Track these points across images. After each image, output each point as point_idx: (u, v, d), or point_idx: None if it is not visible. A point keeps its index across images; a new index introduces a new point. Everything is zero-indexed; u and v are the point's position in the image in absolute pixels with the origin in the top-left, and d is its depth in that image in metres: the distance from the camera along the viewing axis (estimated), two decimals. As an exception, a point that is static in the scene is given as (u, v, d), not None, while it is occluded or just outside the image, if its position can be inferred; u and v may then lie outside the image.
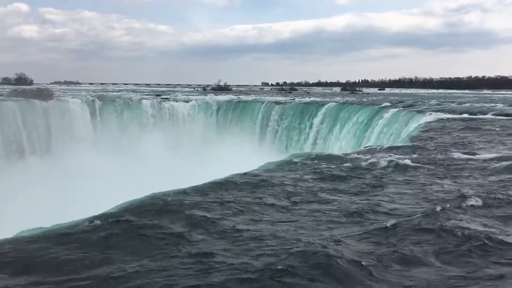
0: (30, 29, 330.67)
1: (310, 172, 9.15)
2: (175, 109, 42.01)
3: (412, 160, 10.09)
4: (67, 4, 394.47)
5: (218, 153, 32.80)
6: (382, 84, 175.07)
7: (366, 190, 7.70)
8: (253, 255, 4.63)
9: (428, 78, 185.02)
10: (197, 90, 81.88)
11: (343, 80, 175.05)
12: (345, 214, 6.27)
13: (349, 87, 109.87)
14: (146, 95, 49.17)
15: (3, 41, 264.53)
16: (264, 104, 40.99)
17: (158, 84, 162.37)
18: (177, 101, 43.68)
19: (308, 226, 5.73)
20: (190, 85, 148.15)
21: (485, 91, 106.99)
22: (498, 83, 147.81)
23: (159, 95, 50.25)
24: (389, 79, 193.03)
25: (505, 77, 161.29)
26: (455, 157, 10.54)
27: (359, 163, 9.95)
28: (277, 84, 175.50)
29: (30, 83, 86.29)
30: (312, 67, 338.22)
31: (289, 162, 10.27)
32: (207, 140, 39.14)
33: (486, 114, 23.06)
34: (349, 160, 10.31)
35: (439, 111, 24.83)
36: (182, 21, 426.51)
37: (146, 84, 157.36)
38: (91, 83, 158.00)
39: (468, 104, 32.74)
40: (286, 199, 7.05)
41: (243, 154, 30.85)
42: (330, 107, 35.04)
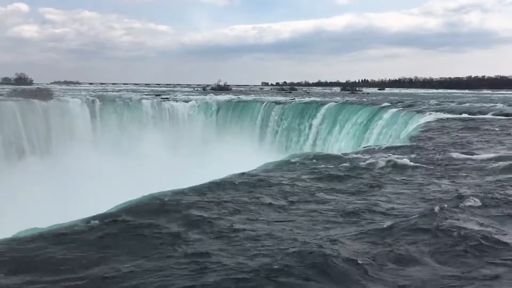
0: (30, 29, 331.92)
1: (308, 172, 9.16)
2: (175, 109, 42.02)
3: (411, 160, 10.08)
4: (67, 4, 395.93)
5: (218, 153, 32.81)
6: (382, 84, 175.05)
7: (364, 190, 7.71)
8: (249, 255, 4.64)
9: (428, 78, 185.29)
10: (197, 90, 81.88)
11: (343, 80, 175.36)
12: (342, 214, 6.29)
13: (349, 87, 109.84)
14: (146, 95, 49.18)
15: (3, 41, 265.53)
16: (264, 104, 40.97)
17: (158, 84, 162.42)
18: (177, 101, 43.69)
19: (305, 226, 5.74)
20: (190, 85, 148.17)
21: (485, 91, 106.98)
22: (498, 83, 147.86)
23: (159, 95, 50.28)
24: (389, 79, 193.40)
25: (505, 77, 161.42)
26: (454, 157, 10.54)
27: (358, 163, 9.96)
28: (277, 84, 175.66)
29: (30, 83, 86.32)
30: (312, 67, 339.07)
31: (288, 162, 10.27)
32: (207, 140, 39.15)
33: (486, 114, 23.04)
34: (348, 160, 10.31)
35: (439, 111, 24.82)
36: (182, 21, 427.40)
37: (146, 84, 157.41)
38: (91, 83, 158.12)
39: (468, 104, 32.71)
40: (284, 199, 7.06)
41: (243, 154, 30.86)
42: (330, 108, 34.99)
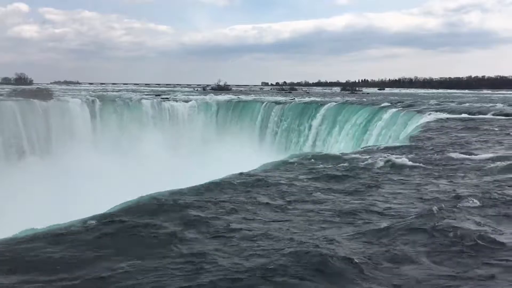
0: (30, 29, 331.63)
1: (307, 172, 9.18)
2: (175, 109, 42.02)
3: (409, 160, 10.09)
4: (67, 4, 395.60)
5: (218, 153, 32.82)
6: (382, 84, 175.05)
7: (362, 190, 7.73)
8: (245, 255, 4.68)
9: (428, 78, 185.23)
10: (197, 90, 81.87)
11: (343, 80, 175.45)
12: (339, 214, 6.31)
13: (349, 87, 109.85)
14: (146, 95, 49.18)
15: (3, 41, 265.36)
16: (264, 104, 40.98)
17: (158, 84, 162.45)
18: (177, 101, 43.67)
19: (302, 226, 5.77)
20: (190, 85, 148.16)
21: (485, 91, 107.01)
22: (498, 83, 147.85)
23: (159, 95, 50.28)
24: (389, 79, 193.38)
25: (505, 77, 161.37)
26: (453, 157, 10.55)
27: (356, 163, 9.98)
28: (277, 84, 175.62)
29: (30, 83, 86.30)
30: (312, 67, 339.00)
31: (287, 163, 10.29)
32: (207, 140, 39.15)
33: (486, 114, 23.03)
34: (347, 160, 10.33)
35: (439, 111, 24.78)
36: (182, 21, 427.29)
37: (146, 84, 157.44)
38: (91, 83, 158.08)
39: (468, 104, 32.68)
40: (281, 199, 7.07)
41: (243, 154, 30.87)
42: (329, 108, 34.92)
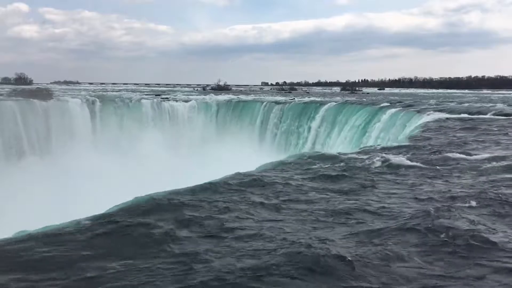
0: (30, 29, 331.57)
1: (304, 172, 9.20)
2: (175, 109, 42.00)
3: (406, 160, 10.11)
4: (67, 4, 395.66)
5: (218, 153, 32.78)
6: (382, 84, 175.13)
7: (357, 190, 7.76)
8: (238, 255, 4.72)
9: (428, 78, 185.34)
10: (197, 90, 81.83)
11: (343, 80, 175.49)
12: (334, 214, 6.34)
13: (349, 87, 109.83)
14: (146, 95, 49.16)
15: (3, 41, 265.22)
16: (264, 104, 41.01)
17: (158, 84, 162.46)
18: (177, 101, 43.63)
19: (296, 226, 5.79)
20: (190, 85, 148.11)
21: (485, 91, 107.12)
22: (498, 83, 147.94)
23: (159, 95, 50.25)
24: (389, 79, 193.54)
25: (505, 77, 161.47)
26: (451, 157, 10.56)
27: (354, 163, 9.99)
28: (277, 84, 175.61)
29: (30, 83, 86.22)
30: (312, 67, 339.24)
31: (285, 163, 10.29)
32: (207, 140, 39.15)
33: (486, 114, 23.02)
34: (344, 160, 10.35)
35: (438, 111, 24.78)
36: (182, 21, 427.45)
37: (146, 84, 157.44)
38: (91, 83, 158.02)
39: (467, 104, 32.70)
40: (277, 199, 7.09)
41: (243, 154, 30.84)
42: (329, 108, 34.85)
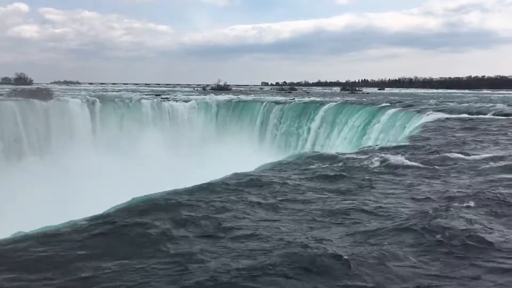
0: (30, 29, 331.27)
1: (303, 173, 9.21)
2: (175, 109, 41.98)
3: (405, 161, 10.12)
4: (67, 4, 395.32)
5: (218, 153, 32.77)
6: (382, 84, 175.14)
7: (355, 190, 7.77)
8: (234, 255, 4.73)
9: (428, 78, 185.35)
10: (197, 90, 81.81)
11: (343, 80, 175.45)
12: (332, 214, 6.35)
13: (349, 87, 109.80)
14: (146, 95, 49.15)
15: (3, 41, 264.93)
16: (264, 104, 41.02)
17: (158, 84, 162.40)
18: (177, 101, 43.60)
19: (292, 226, 5.80)
20: (190, 85, 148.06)
21: (485, 91, 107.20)
22: (498, 83, 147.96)
23: (159, 95, 50.23)
24: (389, 79, 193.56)
25: (505, 77, 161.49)
26: (449, 158, 10.56)
27: (352, 163, 10.00)
28: (277, 84, 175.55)
29: (30, 83, 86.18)
30: (312, 67, 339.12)
31: (284, 163, 10.30)
32: (207, 140, 39.14)
33: (486, 114, 23.01)
34: (343, 160, 10.36)
35: (438, 111, 24.77)
36: (182, 21, 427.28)
37: (146, 84, 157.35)
38: (91, 83, 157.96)
39: (467, 104, 32.71)
40: (275, 199, 7.09)
41: (243, 154, 30.83)
42: (329, 108, 34.77)
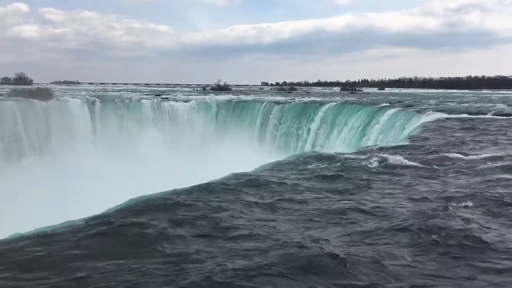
0: (30, 29, 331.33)
1: (302, 173, 9.21)
2: (175, 109, 41.95)
3: (404, 161, 10.13)
4: (67, 4, 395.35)
5: (218, 153, 32.77)
6: (382, 84, 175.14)
7: (354, 191, 7.78)
8: (230, 255, 4.76)
9: (428, 78, 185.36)
10: (197, 90, 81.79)
11: (343, 80, 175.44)
12: (329, 214, 6.36)
13: (349, 87, 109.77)
14: (146, 95, 49.13)
15: (3, 41, 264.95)
16: (264, 104, 41.02)
17: (158, 84, 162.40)
18: (177, 101, 43.58)
19: (289, 226, 5.81)
20: (190, 85, 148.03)
21: (485, 91, 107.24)
22: (498, 83, 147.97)
23: (159, 95, 50.22)
24: (389, 79, 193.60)
25: (505, 77, 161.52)
26: (449, 157, 10.56)
27: (353, 164, 10.01)
28: (277, 84, 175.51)
29: (30, 83, 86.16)
30: (312, 67, 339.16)
31: (283, 163, 10.30)
32: (207, 140, 39.14)
33: (486, 114, 22.99)
34: (342, 161, 10.38)
35: (438, 111, 24.76)
36: (182, 21, 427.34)
37: (146, 84, 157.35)
38: (91, 83, 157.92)
39: (467, 104, 32.69)
40: (272, 199, 7.09)
41: (243, 154, 30.82)
42: (329, 108, 34.71)
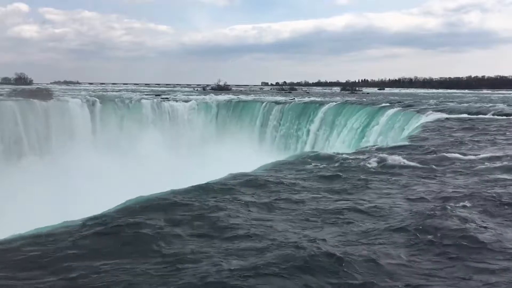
0: (30, 29, 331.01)
1: (303, 173, 9.22)
2: (175, 109, 41.94)
3: (403, 161, 10.16)
4: (67, 4, 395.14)
5: (218, 153, 32.78)
6: (382, 84, 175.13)
7: (352, 191, 7.80)
8: (227, 255, 4.78)
9: (428, 78, 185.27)
10: (197, 90, 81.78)
11: (343, 80, 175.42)
12: (326, 214, 6.38)
13: (349, 87, 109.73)
14: (146, 95, 49.12)
15: (3, 41, 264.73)
16: (264, 105, 41.02)
17: (158, 84, 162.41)
18: (177, 101, 43.56)
19: (286, 226, 5.83)
20: (190, 85, 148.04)
21: (485, 91, 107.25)
22: (498, 83, 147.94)
23: (159, 95, 50.21)
24: (389, 79, 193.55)
25: (505, 77, 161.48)
26: (447, 158, 10.58)
27: (352, 164, 10.02)
28: (277, 84, 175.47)
29: (30, 83, 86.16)
30: (312, 67, 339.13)
31: (285, 163, 10.31)
32: (207, 140, 39.14)
33: (486, 114, 22.99)
34: (343, 161, 10.39)
35: (438, 111, 24.75)
36: (182, 21, 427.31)
37: (146, 84, 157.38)
38: (91, 83, 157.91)
39: (467, 104, 32.68)
40: (270, 199, 7.09)
41: (243, 154, 30.82)
42: (328, 109, 34.65)
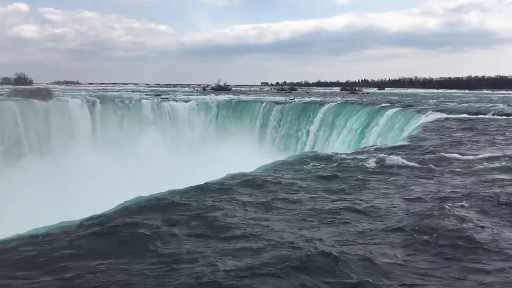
0: (30, 29, 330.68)
1: (303, 173, 9.24)
2: (175, 109, 41.94)
3: (401, 161, 10.19)
4: (67, 4, 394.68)
5: (218, 153, 32.78)
6: (382, 84, 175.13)
7: (350, 191, 7.83)
8: (224, 254, 4.79)
9: (428, 78, 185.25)
10: (197, 90, 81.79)
11: (343, 80, 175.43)
12: (324, 214, 6.42)
13: (349, 87, 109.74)
14: (146, 95, 49.13)
15: (3, 41, 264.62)
16: (264, 105, 41.03)
17: (158, 84, 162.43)
18: (177, 101, 43.57)
19: (283, 226, 5.85)
20: (190, 85, 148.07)
21: (485, 91, 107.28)
22: (498, 83, 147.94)
23: (159, 95, 50.21)
24: (389, 79, 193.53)
25: (505, 77, 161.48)
26: (446, 158, 10.61)
27: (351, 164, 10.04)
28: (277, 84, 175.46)
29: (30, 83, 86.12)
30: (312, 67, 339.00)
31: (284, 163, 10.32)
32: (207, 140, 39.16)
33: (485, 114, 22.99)
34: (342, 161, 10.42)
35: (438, 111, 24.75)
36: (182, 21, 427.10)
37: (146, 84, 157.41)
38: (91, 83, 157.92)
39: (467, 104, 32.68)
40: (269, 199, 7.10)
41: (243, 154, 30.82)
42: (328, 110, 34.65)
